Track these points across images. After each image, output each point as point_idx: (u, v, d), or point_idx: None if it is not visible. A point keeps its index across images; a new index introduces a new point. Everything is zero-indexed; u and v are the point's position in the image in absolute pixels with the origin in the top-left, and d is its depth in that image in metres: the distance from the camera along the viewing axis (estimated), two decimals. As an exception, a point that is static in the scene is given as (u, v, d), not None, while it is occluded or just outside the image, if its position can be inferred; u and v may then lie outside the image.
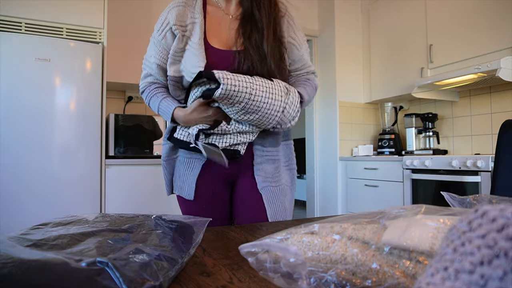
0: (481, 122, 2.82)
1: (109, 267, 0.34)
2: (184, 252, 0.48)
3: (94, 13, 2.43)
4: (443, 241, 0.24)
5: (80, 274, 0.34)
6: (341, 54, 3.51)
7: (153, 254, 0.41)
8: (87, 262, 0.35)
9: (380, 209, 0.41)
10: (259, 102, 0.89)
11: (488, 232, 0.21)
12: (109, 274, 0.34)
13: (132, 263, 0.36)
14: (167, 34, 1.04)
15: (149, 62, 1.09)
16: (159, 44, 1.05)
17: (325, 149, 3.63)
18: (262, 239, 0.37)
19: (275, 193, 1.05)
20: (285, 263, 0.33)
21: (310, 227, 0.39)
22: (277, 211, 1.04)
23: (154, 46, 1.07)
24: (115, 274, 0.34)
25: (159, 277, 0.37)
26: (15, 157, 2.12)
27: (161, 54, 1.06)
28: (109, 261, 0.36)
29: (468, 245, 0.22)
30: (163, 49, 1.05)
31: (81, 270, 0.34)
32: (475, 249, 0.21)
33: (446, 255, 0.23)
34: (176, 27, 1.02)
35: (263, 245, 0.35)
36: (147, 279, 0.35)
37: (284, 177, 1.09)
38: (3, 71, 2.11)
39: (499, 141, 1.03)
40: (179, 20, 1.03)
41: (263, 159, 1.05)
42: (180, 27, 1.03)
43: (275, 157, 1.08)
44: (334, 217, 0.43)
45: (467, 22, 2.57)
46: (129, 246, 0.41)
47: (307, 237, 0.37)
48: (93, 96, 2.36)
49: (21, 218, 2.08)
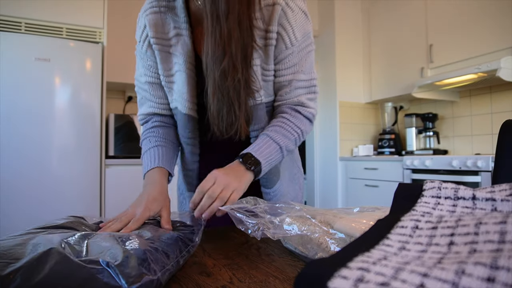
0: (481, 122, 2.82)
1: (110, 266, 0.35)
2: (182, 249, 0.48)
3: (94, 13, 2.43)
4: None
5: (81, 271, 0.34)
6: (341, 54, 3.51)
7: (151, 250, 0.41)
8: (89, 260, 0.36)
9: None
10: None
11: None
12: (109, 273, 0.35)
13: (130, 259, 0.37)
14: (149, 44, 0.80)
15: (140, 83, 0.86)
16: (145, 57, 0.82)
17: (325, 149, 3.63)
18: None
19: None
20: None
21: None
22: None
23: (141, 61, 0.83)
24: (115, 271, 0.34)
25: (156, 271, 0.38)
26: (15, 157, 2.11)
27: (151, 69, 0.82)
28: (110, 259, 0.36)
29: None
30: (152, 62, 0.82)
31: (83, 267, 0.34)
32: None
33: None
34: (156, 41, 0.78)
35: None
36: (145, 273, 0.36)
37: (290, 192, 0.93)
38: (3, 71, 2.10)
39: (500, 141, 1.03)
40: (159, 32, 0.78)
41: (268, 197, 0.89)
42: (161, 41, 0.78)
43: (279, 191, 0.89)
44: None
45: (467, 22, 2.57)
46: (128, 243, 0.42)
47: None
48: (93, 96, 2.36)
49: (21, 218, 2.08)
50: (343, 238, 0.45)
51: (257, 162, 0.70)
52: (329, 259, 0.24)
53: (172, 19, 0.78)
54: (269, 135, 0.75)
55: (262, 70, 0.77)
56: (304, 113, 0.80)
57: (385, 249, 0.27)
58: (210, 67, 0.68)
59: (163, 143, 0.83)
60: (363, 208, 0.54)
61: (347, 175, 3.34)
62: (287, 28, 0.74)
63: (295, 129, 0.78)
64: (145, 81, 0.84)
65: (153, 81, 0.83)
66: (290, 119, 0.79)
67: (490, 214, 0.27)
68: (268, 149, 0.73)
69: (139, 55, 0.84)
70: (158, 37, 0.78)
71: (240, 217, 0.53)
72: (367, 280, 0.20)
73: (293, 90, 0.79)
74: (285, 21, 0.73)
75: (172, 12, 0.77)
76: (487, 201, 0.32)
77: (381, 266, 0.22)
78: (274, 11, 0.73)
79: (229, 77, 0.67)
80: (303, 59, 0.78)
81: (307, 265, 0.23)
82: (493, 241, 0.23)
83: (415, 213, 0.33)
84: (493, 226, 0.24)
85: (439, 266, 0.20)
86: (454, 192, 0.35)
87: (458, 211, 0.33)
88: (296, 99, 0.80)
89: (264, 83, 0.78)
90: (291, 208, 0.56)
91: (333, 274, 0.21)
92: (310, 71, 0.80)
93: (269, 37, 0.74)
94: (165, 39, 0.78)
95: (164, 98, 0.85)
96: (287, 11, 0.74)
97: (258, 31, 0.73)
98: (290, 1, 0.74)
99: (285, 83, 0.79)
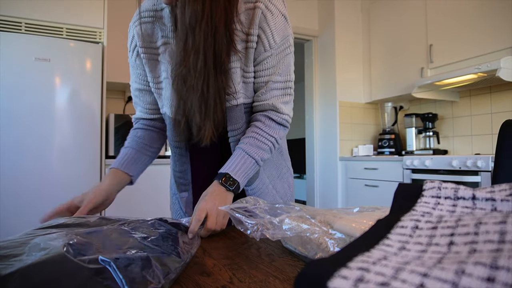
0: (481, 122, 2.82)
1: (111, 267, 0.34)
2: (185, 254, 0.48)
3: (94, 13, 2.43)
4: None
5: (81, 272, 0.33)
6: (341, 54, 3.51)
7: (155, 255, 0.41)
8: (89, 259, 0.35)
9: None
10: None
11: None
12: (110, 274, 0.34)
13: (134, 263, 0.36)
14: (138, 53, 0.85)
15: (132, 89, 0.92)
16: (135, 65, 0.88)
17: (325, 149, 3.63)
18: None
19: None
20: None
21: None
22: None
23: (132, 69, 0.89)
24: (117, 275, 0.34)
25: (160, 279, 0.37)
26: (15, 157, 2.11)
27: (140, 77, 0.88)
28: (111, 260, 0.35)
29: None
30: (141, 70, 0.87)
31: (82, 268, 0.34)
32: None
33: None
34: (145, 50, 0.82)
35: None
36: (150, 281, 0.35)
37: (279, 190, 0.94)
38: (3, 71, 2.11)
39: (499, 141, 1.03)
40: (147, 41, 0.82)
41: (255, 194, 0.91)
42: (150, 50, 0.82)
43: (258, 188, 0.90)
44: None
45: (467, 22, 2.57)
46: (131, 246, 0.41)
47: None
48: (93, 96, 2.36)
49: (21, 218, 2.08)
50: (343, 238, 0.45)
51: (235, 182, 0.75)
52: (329, 259, 0.24)
53: (160, 28, 0.81)
54: (245, 150, 0.78)
55: (243, 72, 0.80)
56: (277, 120, 0.82)
57: (385, 249, 0.27)
58: (173, 76, 0.74)
59: (135, 145, 0.90)
60: (363, 208, 0.54)
61: (347, 175, 3.34)
62: (267, 31, 0.76)
63: (269, 139, 0.81)
64: (136, 88, 0.90)
65: (142, 88, 0.89)
66: (264, 129, 0.81)
67: (490, 214, 0.27)
68: (245, 165, 0.77)
69: (130, 64, 0.89)
70: (146, 46, 0.82)
71: (239, 218, 0.53)
72: (367, 280, 0.20)
73: (269, 91, 0.81)
74: (265, 24, 0.76)
75: (160, 21, 0.81)
76: (487, 201, 0.32)
77: (381, 266, 0.22)
78: (254, 14, 0.75)
79: (187, 85, 0.72)
80: (280, 62, 0.80)
81: (307, 265, 0.23)
82: (493, 241, 0.23)
83: (415, 213, 0.33)
84: (493, 226, 0.24)
85: (439, 266, 0.20)
86: (454, 192, 0.35)
87: (458, 211, 0.33)
88: (271, 102, 0.81)
89: (244, 85, 0.81)
90: (291, 209, 0.56)
91: (333, 274, 0.21)
92: (287, 73, 0.83)
93: (249, 40, 0.76)
94: (153, 48, 0.82)
95: (152, 103, 0.90)
96: (267, 15, 0.76)
97: (239, 34, 0.76)
98: (270, 5, 0.76)
99: (262, 84, 0.81)
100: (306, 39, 3.74)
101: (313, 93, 3.74)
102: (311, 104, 3.76)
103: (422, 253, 0.25)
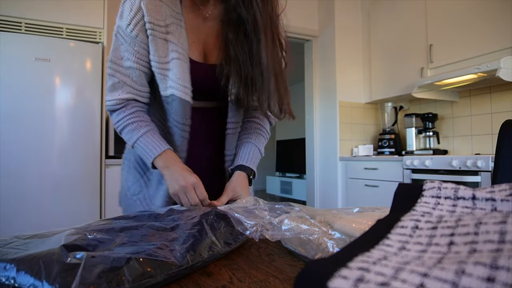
0: (481, 122, 2.82)
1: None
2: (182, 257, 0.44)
3: (94, 13, 2.43)
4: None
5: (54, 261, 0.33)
6: (341, 54, 3.51)
7: (149, 257, 0.38)
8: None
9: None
10: None
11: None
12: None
13: (104, 263, 0.34)
14: (142, 28, 0.77)
15: (120, 67, 0.80)
16: (133, 41, 0.78)
17: (325, 149, 3.63)
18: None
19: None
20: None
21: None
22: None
23: (126, 45, 0.79)
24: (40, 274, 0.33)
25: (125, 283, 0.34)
26: (15, 157, 2.11)
27: (137, 55, 0.79)
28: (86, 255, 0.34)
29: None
30: (140, 48, 0.79)
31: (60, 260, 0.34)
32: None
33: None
34: (153, 26, 0.76)
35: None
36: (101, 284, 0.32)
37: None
38: (3, 71, 2.11)
39: (499, 141, 1.03)
40: (155, 18, 0.76)
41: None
42: (158, 27, 0.77)
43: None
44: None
45: (467, 22, 2.57)
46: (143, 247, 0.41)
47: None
48: (93, 96, 2.36)
49: (21, 218, 2.08)
50: (343, 239, 0.45)
51: (254, 173, 0.90)
52: (329, 259, 0.24)
53: (168, 7, 0.79)
54: (255, 144, 0.93)
55: None
56: (270, 119, 0.97)
57: (385, 249, 0.27)
58: (271, 65, 0.78)
59: (154, 127, 0.83)
60: (363, 208, 0.54)
61: (347, 175, 3.34)
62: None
63: (267, 134, 0.98)
64: (129, 66, 0.80)
65: (139, 68, 0.80)
66: (264, 126, 0.97)
67: (490, 214, 0.27)
68: (255, 157, 0.92)
69: (123, 38, 0.79)
70: (155, 23, 0.77)
71: (238, 218, 0.53)
72: (367, 280, 0.20)
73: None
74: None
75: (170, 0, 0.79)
76: (487, 201, 0.32)
77: (381, 266, 0.22)
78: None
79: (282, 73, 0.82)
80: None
81: (307, 265, 0.23)
82: (493, 241, 0.23)
83: (415, 213, 0.33)
84: (493, 226, 0.24)
85: (439, 266, 0.20)
86: (454, 192, 0.35)
87: (458, 211, 0.33)
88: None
89: None
90: (290, 209, 0.56)
91: (333, 274, 0.21)
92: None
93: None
94: (161, 26, 0.77)
95: (146, 86, 0.83)
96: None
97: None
98: None
99: None
100: (306, 39, 3.74)
101: (313, 93, 3.74)
102: (311, 104, 3.76)
103: (422, 253, 0.25)
